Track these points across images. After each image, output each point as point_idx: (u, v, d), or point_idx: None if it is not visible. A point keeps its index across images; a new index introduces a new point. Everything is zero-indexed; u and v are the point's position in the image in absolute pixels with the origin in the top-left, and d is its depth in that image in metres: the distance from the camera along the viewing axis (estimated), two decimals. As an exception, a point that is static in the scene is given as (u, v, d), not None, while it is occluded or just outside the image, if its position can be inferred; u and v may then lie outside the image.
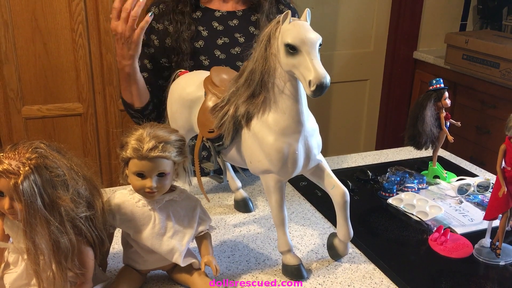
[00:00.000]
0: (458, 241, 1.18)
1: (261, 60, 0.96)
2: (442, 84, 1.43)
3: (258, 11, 1.57)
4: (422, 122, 1.41)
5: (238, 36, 1.55)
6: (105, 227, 0.94)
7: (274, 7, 1.59)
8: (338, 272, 1.08)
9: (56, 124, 2.36)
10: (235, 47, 1.54)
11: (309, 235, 1.22)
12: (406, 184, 1.43)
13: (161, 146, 0.90)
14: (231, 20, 1.56)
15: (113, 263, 1.09)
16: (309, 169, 1.05)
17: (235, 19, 1.56)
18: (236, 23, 1.56)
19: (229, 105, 1.02)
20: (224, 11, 1.57)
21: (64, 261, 0.84)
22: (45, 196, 0.81)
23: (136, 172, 0.91)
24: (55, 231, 0.82)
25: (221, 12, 1.56)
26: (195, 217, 0.99)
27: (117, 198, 0.97)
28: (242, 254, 1.13)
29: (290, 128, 0.98)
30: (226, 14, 1.56)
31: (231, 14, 1.57)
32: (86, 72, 2.31)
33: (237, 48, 1.53)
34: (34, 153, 0.82)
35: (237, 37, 1.55)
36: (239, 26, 1.56)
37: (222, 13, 1.56)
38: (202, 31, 1.53)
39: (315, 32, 0.92)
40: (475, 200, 1.38)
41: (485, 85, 2.74)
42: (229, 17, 1.56)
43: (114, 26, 1.35)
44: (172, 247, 0.96)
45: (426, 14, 3.29)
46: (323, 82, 0.87)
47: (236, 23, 1.56)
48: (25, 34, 2.20)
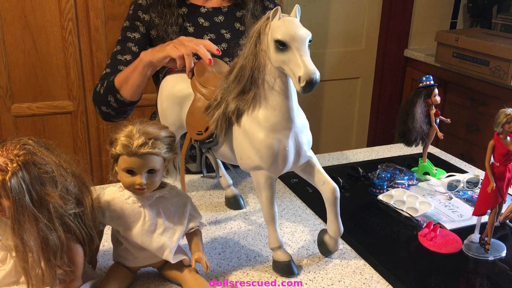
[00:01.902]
0: (447, 237, 1.18)
1: (251, 56, 0.96)
2: (432, 81, 1.43)
3: (243, 7, 1.57)
4: (412, 119, 1.42)
5: (224, 32, 1.55)
6: (95, 224, 0.93)
7: (259, 4, 1.60)
8: (329, 268, 1.08)
9: (46, 122, 2.35)
10: (221, 43, 1.53)
11: (300, 231, 1.22)
12: (397, 181, 1.43)
13: (151, 143, 0.90)
14: (217, 16, 1.56)
15: (103, 260, 1.08)
16: (299, 166, 1.05)
17: (220, 15, 1.56)
18: (222, 19, 1.56)
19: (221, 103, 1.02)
20: (209, 7, 1.57)
21: (53, 258, 0.83)
22: (34, 193, 0.80)
23: (125, 168, 0.91)
24: (43, 228, 0.81)
25: (207, 8, 1.56)
26: (186, 214, 0.99)
27: (107, 195, 0.97)
28: (233, 251, 1.13)
29: (280, 124, 0.98)
30: (212, 10, 1.57)
31: (217, 10, 1.57)
32: (76, 69, 2.30)
33: (224, 44, 1.53)
34: (22, 150, 0.81)
35: (223, 33, 1.55)
36: (224, 22, 1.56)
37: (208, 9, 1.56)
38: (188, 27, 1.53)
39: (305, 28, 0.92)
40: (464, 196, 1.39)
41: (475, 82, 2.76)
42: (215, 13, 1.57)
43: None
44: (163, 244, 0.96)
45: (417, 12, 3.30)
46: (313, 78, 0.87)
47: (221, 19, 1.56)
48: (15, 31, 2.18)
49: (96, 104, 1.52)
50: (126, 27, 1.54)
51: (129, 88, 1.40)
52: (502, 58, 2.54)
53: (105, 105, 1.47)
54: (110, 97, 1.44)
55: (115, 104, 1.45)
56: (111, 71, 1.50)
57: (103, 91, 1.46)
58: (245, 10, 1.56)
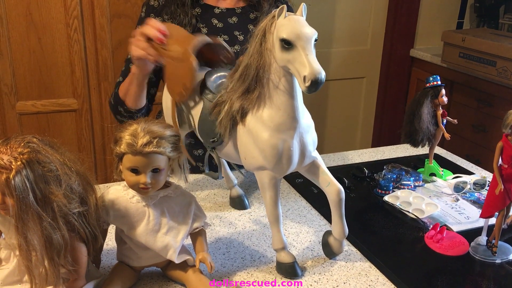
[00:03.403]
0: (454, 239, 1.17)
1: (256, 55, 0.95)
2: (439, 81, 1.42)
3: (257, 9, 1.55)
4: (419, 119, 1.41)
5: (238, 34, 1.53)
6: (99, 223, 0.93)
7: (273, 6, 1.57)
8: (334, 270, 1.07)
9: (51, 120, 2.35)
10: (234, 45, 1.52)
11: (304, 232, 1.21)
12: (402, 182, 1.42)
13: (156, 142, 0.89)
14: (230, 17, 1.55)
15: (106, 259, 1.08)
16: (304, 166, 1.04)
17: (234, 17, 1.55)
18: (236, 21, 1.55)
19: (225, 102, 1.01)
20: (223, 8, 1.55)
21: (56, 257, 0.83)
22: (37, 191, 0.80)
23: (130, 167, 0.90)
24: (47, 227, 0.81)
25: (220, 9, 1.55)
26: (190, 214, 0.98)
27: (111, 194, 0.96)
28: (237, 251, 1.13)
29: (285, 124, 0.97)
30: (226, 11, 1.55)
31: (230, 11, 1.56)
32: (81, 67, 2.30)
33: (237, 46, 1.52)
34: (27, 148, 0.80)
35: (236, 35, 1.53)
36: (238, 24, 1.55)
37: (222, 10, 1.55)
38: (201, 28, 1.52)
39: (311, 27, 0.91)
40: (471, 198, 1.38)
41: (481, 83, 2.74)
42: (228, 14, 1.55)
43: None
44: (167, 244, 0.95)
45: (423, 12, 3.29)
46: (318, 77, 0.86)
47: (235, 20, 1.55)
48: (20, 29, 2.18)
49: (112, 113, 1.56)
50: None
51: (132, 99, 1.43)
52: (510, 58, 2.52)
53: (119, 115, 1.52)
54: (119, 107, 1.49)
55: (125, 113, 1.48)
56: (123, 80, 1.52)
57: (114, 102, 1.51)
58: (259, 12, 1.54)
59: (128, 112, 1.47)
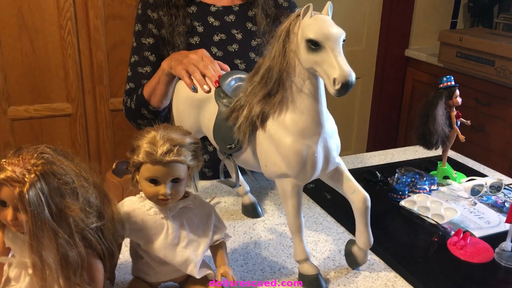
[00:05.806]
0: (478, 245, 1.13)
1: (279, 57, 0.90)
2: (452, 82, 1.39)
3: (255, 6, 1.50)
4: (434, 121, 1.37)
5: (235, 33, 1.48)
6: (114, 237, 0.87)
7: (270, 0, 1.52)
8: (359, 281, 1.02)
9: (44, 125, 2.27)
10: (232, 44, 1.46)
11: (323, 241, 1.16)
12: (418, 186, 1.38)
13: (176, 150, 0.84)
14: (228, 16, 1.49)
15: (119, 274, 1.01)
16: (327, 173, 1.00)
17: (231, 14, 1.49)
18: (233, 19, 1.49)
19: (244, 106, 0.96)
20: (220, 6, 1.49)
21: (73, 276, 0.77)
22: (53, 206, 0.74)
23: (149, 178, 0.85)
24: (63, 244, 0.75)
25: (217, 7, 1.49)
26: (210, 225, 0.93)
27: (126, 206, 0.90)
28: (255, 262, 1.07)
29: (309, 129, 0.92)
30: (222, 9, 1.49)
31: (228, 9, 1.50)
32: (75, 70, 2.22)
33: (235, 45, 1.46)
34: (40, 159, 0.74)
35: (234, 33, 1.48)
36: (236, 22, 1.49)
37: (218, 8, 1.49)
38: (197, 26, 1.45)
39: (339, 26, 0.86)
40: (488, 202, 1.34)
41: (479, 83, 2.72)
42: (225, 12, 1.49)
43: None
44: (187, 258, 0.89)
45: (418, 12, 3.27)
46: (349, 80, 0.82)
47: (232, 18, 1.49)
48: (11, 31, 2.10)
49: (131, 119, 1.51)
50: (139, 32, 1.46)
51: (158, 98, 1.39)
52: (508, 58, 2.50)
53: (141, 118, 1.46)
54: (143, 110, 1.43)
55: (149, 115, 1.43)
56: (135, 86, 1.48)
57: (135, 106, 1.45)
58: (255, 7, 1.49)
59: (152, 113, 1.42)
